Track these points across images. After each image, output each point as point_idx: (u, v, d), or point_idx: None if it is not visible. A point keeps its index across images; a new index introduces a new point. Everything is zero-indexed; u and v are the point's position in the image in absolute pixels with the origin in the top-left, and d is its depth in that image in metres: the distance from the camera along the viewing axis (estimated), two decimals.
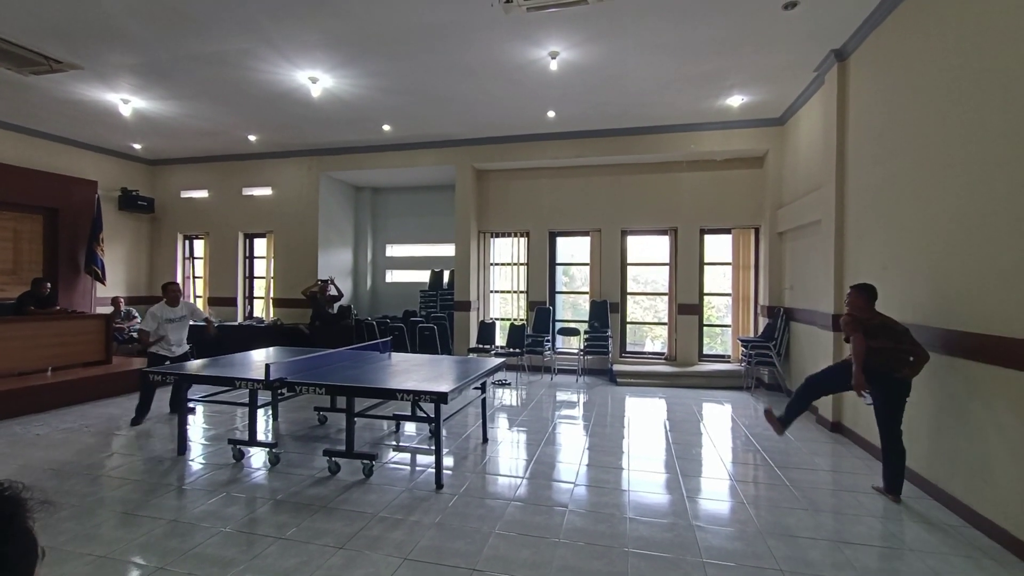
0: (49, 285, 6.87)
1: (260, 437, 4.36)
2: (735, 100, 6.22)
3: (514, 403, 6.06)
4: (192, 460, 3.96)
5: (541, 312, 8.07)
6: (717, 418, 5.45)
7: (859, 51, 4.56)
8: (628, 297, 8.23)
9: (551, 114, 6.80)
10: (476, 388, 4.58)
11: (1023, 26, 2.67)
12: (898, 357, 3.28)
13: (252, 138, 8.14)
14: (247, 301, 9.62)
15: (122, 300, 8.69)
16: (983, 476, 2.89)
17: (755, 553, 2.64)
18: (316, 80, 5.70)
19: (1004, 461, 2.74)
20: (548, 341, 7.80)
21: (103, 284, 8.53)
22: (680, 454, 4.22)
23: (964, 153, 3.12)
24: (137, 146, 8.73)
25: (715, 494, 3.44)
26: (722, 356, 7.85)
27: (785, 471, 3.81)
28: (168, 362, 4.97)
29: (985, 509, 2.87)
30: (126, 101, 6.44)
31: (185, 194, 9.64)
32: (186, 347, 5.34)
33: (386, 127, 7.45)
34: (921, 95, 3.60)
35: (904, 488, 3.50)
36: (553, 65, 5.18)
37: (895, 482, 3.35)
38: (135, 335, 8.28)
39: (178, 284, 5.68)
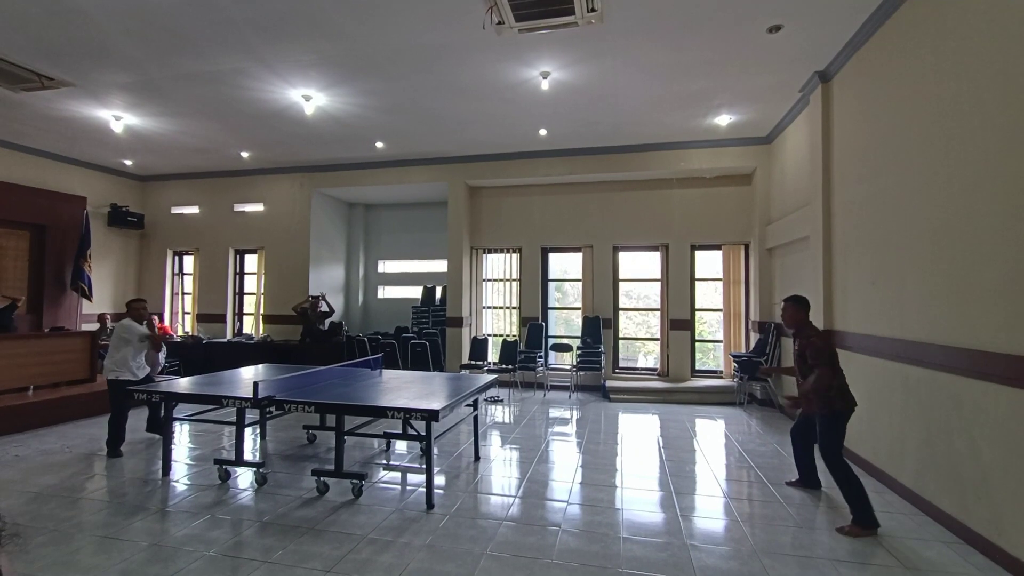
0: None
1: (247, 457, 4.28)
2: (723, 119, 6.34)
3: (507, 420, 6.00)
4: (176, 481, 3.86)
5: (534, 328, 8.06)
6: (710, 434, 5.43)
7: (842, 72, 4.68)
8: (620, 313, 8.24)
9: (543, 132, 6.89)
10: (468, 405, 4.53)
11: (999, 47, 2.76)
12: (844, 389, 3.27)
13: (244, 155, 8.15)
14: (237, 317, 9.52)
15: (108, 317, 8.56)
16: (976, 492, 2.89)
17: (750, 572, 2.61)
18: (309, 98, 5.74)
19: (996, 477, 2.74)
20: (541, 357, 7.77)
21: (90, 301, 8.41)
22: (674, 471, 4.18)
23: (946, 170, 3.19)
24: (128, 162, 8.70)
25: (709, 512, 3.41)
26: (714, 372, 7.85)
27: (779, 488, 3.79)
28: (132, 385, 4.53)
29: (978, 526, 2.86)
30: (118, 118, 6.44)
31: (176, 210, 9.59)
32: (147, 369, 4.93)
33: (379, 144, 7.50)
34: (903, 114, 3.70)
35: (898, 504, 3.50)
36: (544, 85, 5.27)
37: (867, 512, 3.09)
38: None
39: (146, 302, 5.06)
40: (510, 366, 7.53)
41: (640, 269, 8.33)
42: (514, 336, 8.32)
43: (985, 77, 2.86)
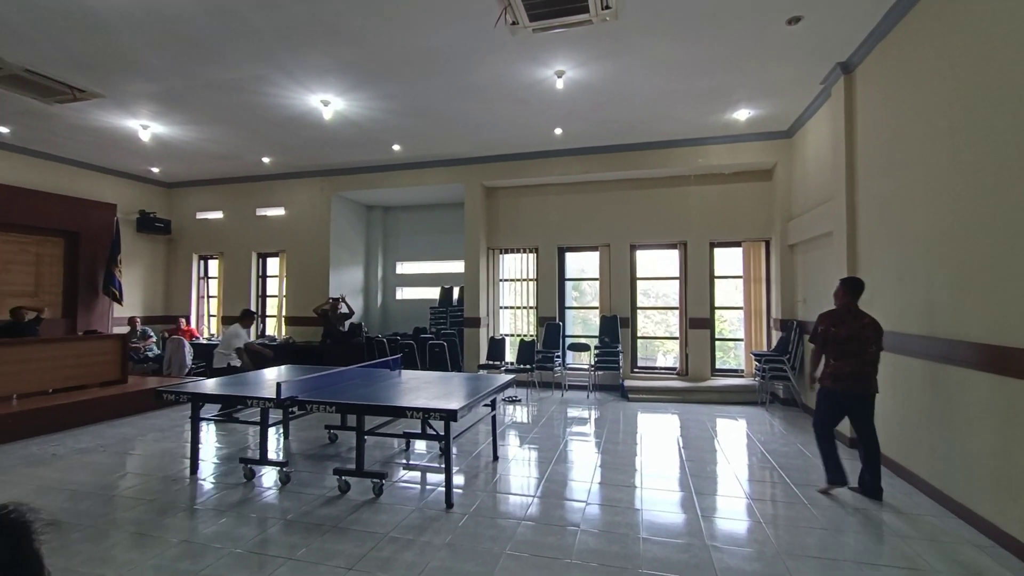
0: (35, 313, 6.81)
1: (271, 456, 4.38)
2: (742, 114, 6.24)
3: (525, 420, 6.01)
4: (204, 480, 3.97)
5: (551, 328, 8.05)
6: (731, 434, 5.36)
7: (865, 63, 4.57)
8: (638, 312, 8.18)
9: (558, 131, 6.87)
10: (486, 405, 4.56)
11: None
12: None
13: (266, 160, 8.33)
14: (260, 320, 9.73)
15: (138, 320, 8.85)
16: (1012, 495, 2.79)
17: (774, 574, 2.57)
18: (328, 103, 5.83)
19: None
20: (558, 357, 7.75)
21: (120, 305, 8.70)
22: (694, 472, 4.14)
23: (974, 162, 3.09)
24: (155, 170, 8.97)
25: (731, 513, 3.36)
26: (735, 371, 7.73)
27: (803, 489, 3.72)
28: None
29: (1014, 529, 2.76)
30: (145, 127, 6.65)
31: (201, 215, 9.85)
32: (239, 362, 6.59)
33: (396, 147, 7.58)
34: (929, 105, 3.59)
35: (927, 506, 3.40)
36: (559, 84, 5.26)
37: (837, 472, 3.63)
38: (149, 354, 8.40)
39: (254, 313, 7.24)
40: (528, 366, 7.54)
41: (658, 267, 8.24)
42: (531, 336, 8.32)
43: (1014, 66, 2.76)
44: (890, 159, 4.14)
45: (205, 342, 9.05)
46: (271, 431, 4.26)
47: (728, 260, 7.84)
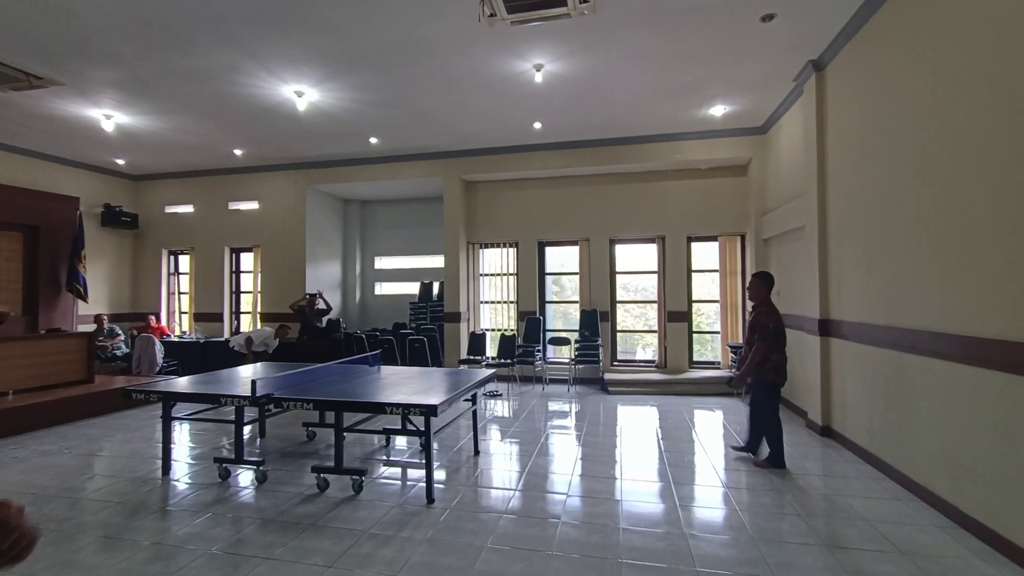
0: None
1: (247, 455, 4.28)
2: (718, 110, 6.33)
3: (506, 414, 6.02)
4: (177, 480, 3.86)
5: (531, 322, 8.07)
6: (708, 425, 5.46)
7: (836, 61, 4.68)
8: (618, 305, 8.26)
9: (537, 125, 6.86)
10: (467, 400, 4.55)
11: (993, 36, 2.76)
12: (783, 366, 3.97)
13: (238, 152, 8.10)
14: (234, 316, 9.49)
15: (105, 318, 8.53)
16: (970, 477, 2.92)
17: (749, 560, 2.64)
18: (302, 94, 5.70)
19: (990, 461, 2.77)
20: (539, 351, 7.78)
21: (85, 302, 8.38)
22: (672, 462, 4.21)
23: (940, 158, 3.20)
24: (120, 161, 8.64)
25: (708, 502, 3.43)
26: (712, 363, 7.89)
27: (778, 478, 3.82)
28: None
29: (972, 510, 2.89)
30: (108, 116, 6.38)
31: (170, 209, 9.54)
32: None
33: (373, 140, 7.46)
34: (896, 103, 3.70)
35: (894, 490, 3.54)
36: (538, 77, 5.24)
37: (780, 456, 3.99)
38: (117, 352, 8.13)
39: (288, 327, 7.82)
40: (508, 360, 7.55)
41: (637, 262, 8.33)
42: (512, 331, 8.32)
43: (979, 65, 2.85)
44: (860, 154, 4.26)
45: (176, 340, 8.79)
46: (246, 429, 4.17)
47: (705, 254, 7.98)
